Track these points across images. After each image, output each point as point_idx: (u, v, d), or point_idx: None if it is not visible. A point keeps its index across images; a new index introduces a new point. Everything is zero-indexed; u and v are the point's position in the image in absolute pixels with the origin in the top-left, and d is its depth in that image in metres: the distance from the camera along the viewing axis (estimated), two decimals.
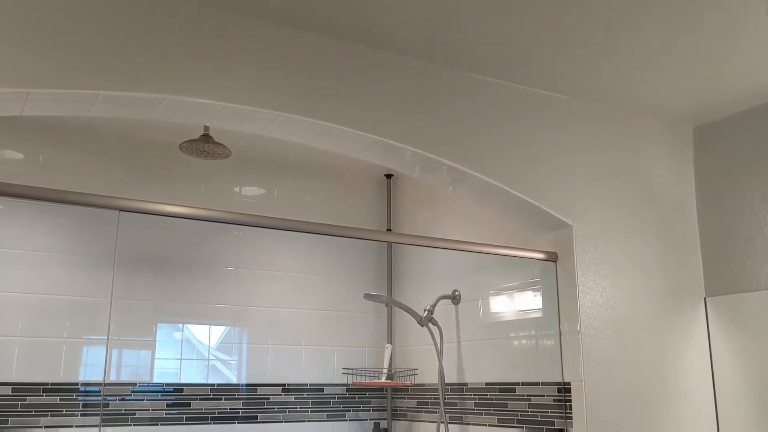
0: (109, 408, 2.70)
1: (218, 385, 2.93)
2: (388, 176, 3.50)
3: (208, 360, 2.95)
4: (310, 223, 2.17)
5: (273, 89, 2.04)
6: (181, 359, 2.88)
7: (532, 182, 2.43)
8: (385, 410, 3.29)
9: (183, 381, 2.86)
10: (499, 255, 2.48)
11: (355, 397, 3.24)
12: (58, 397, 2.61)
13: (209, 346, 2.96)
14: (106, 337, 2.73)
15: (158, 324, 2.86)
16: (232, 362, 2.99)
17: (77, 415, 2.63)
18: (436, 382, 2.97)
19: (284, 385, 3.07)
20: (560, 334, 2.46)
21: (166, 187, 2.97)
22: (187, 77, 1.92)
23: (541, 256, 2.49)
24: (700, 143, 2.80)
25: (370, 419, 3.25)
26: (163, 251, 2.94)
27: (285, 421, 3.04)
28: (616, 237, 2.55)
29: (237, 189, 3.18)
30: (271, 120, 2.07)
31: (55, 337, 2.65)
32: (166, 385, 2.82)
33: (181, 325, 2.92)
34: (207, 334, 2.97)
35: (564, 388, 2.41)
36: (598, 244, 2.50)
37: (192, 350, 2.93)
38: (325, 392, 3.16)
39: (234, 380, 2.97)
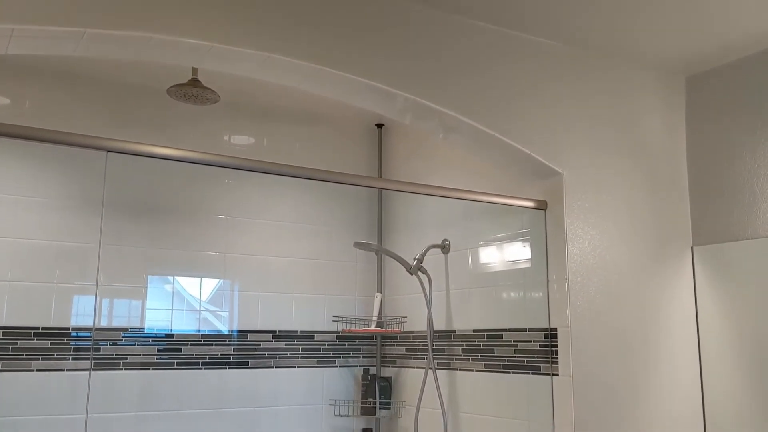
0: (100, 352, 2.72)
1: (209, 330, 2.96)
2: (379, 126, 3.48)
3: (200, 311, 2.96)
4: (301, 168, 2.16)
5: (262, 31, 2.01)
6: (172, 310, 2.90)
7: (524, 130, 2.43)
8: (375, 357, 3.34)
9: (174, 330, 2.88)
10: (490, 203, 2.49)
11: (345, 344, 3.28)
12: (49, 342, 2.63)
13: (200, 298, 2.97)
14: (95, 284, 2.73)
15: (148, 275, 2.86)
16: (224, 314, 3.01)
17: (68, 359, 2.65)
18: (425, 329, 3.01)
19: (275, 332, 3.10)
20: (548, 282, 2.48)
21: (154, 133, 2.94)
22: (174, 17, 1.88)
23: (530, 204, 2.50)
24: (692, 93, 2.79)
25: (360, 365, 3.29)
26: (153, 198, 2.93)
27: (276, 367, 3.08)
28: (605, 186, 2.56)
29: (226, 137, 3.16)
30: (260, 61, 2.04)
31: (45, 282, 2.66)
32: (157, 331, 2.84)
33: (171, 278, 2.93)
34: (198, 286, 2.98)
35: (550, 334, 2.45)
36: (587, 193, 2.51)
37: (183, 302, 2.94)
38: (315, 339, 3.20)
39: (225, 330, 2.99)
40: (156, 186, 2.95)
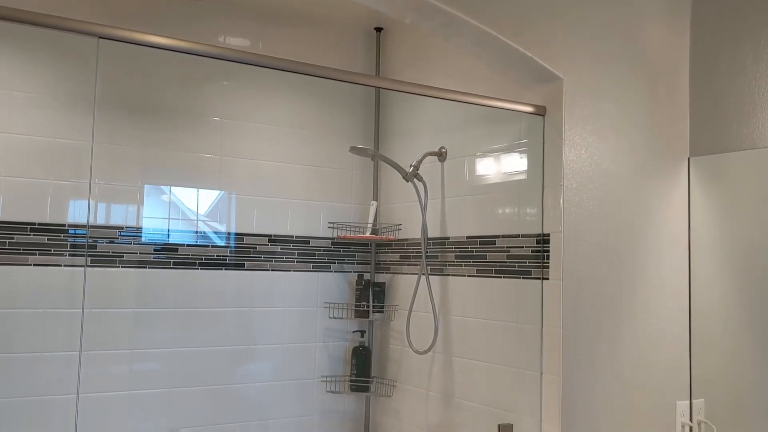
0: (97, 250, 2.74)
1: (206, 232, 2.98)
2: (378, 30, 3.41)
3: (197, 215, 2.97)
4: (298, 63, 2.12)
5: None
6: (168, 219, 2.90)
7: (527, 32, 2.38)
8: (369, 263, 3.38)
9: (171, 235, 2.90)
10: (489, 107, 2.46)
11: (340, 250, 3.31)
12: (46, 237, 2.64)
13: (197, 200, 2.97)
14: (89, 180, 2.73)
15: (145, 181, 2.85)
16: (219, 216, 3.02)
17: (65, 255, 2.67)
18: (419, 236, 3.03)
19: (270, 236, 3.13)
20: (543, 188, 2.49)
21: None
22: None
23: (529, 109, 2.48)
24: (697, 0, 2.72)
25: (354, 271, 3.34)
26: (147, 98, 2.89)
27: (271, 270, 3.12)
28: (605, 92, 2.53)
29: (221, 38, 3.09)
30: None
31: (40, 179, 2.65)
32: (153, 230, 2.86)
33: (168, 187, 2.92)
34: (193, 187, 2.97)
35: (543, 240, 2.48)
36: (587, 100, 2.49)
37: (178, 211, 2.94)
38: (310, 245, 3.23)
39: (221, 232, 3.01)
40: (150, 85, 2.90)
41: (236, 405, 3.00)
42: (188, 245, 2.93)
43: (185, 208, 2.96)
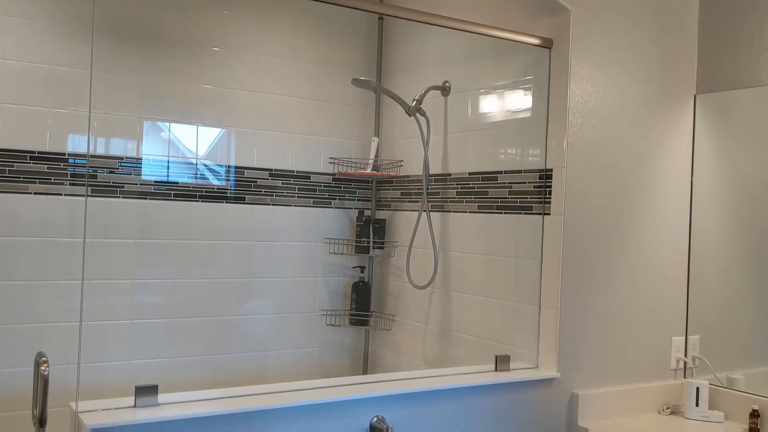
0: (97, 179, 2.73)
1: (207, 164, 2.97)
2: None
3: (197, 159, 2.95)
4: None
5: None
6: (168, 156, 2.88)
7: None
8: (370, 200, 3.38)
9: (171, 172, 2.89)
10: (494, 37, 2.42)
11: (340, 186, 3.30)
12: (46, 166, 2.63)
13: (197, 145, 2.95)
14: (88, 109, 2.70)
15: (144, 114, 2.82)
16: (219, 149, 3.00)
17: (65, 184, 2.67)
18: (420, 173, 3.02)
19: (270, 170, 3.12)
20: (547, 123, 2.47)
21: None
22: None
23: (536, 41, 2.43)
24: None
25: (355, 208, 3.34)
26: (146, 25, 2.83)
27: (272, 204, 3.12)
28: (614, 26, 2.48)
29: None
30: None
31: (39, 107, 2.62)
32: (154, 161, 2.85)
33: (167, 125, 2.88)
34: (194, 132, 2.94)
35: (545, 175, 2.47)
36: (594, 33, 2.44)
37: (178, 150, 2.92)
38: (311, 180, 3.22)
39: (221, 165, 3.00)
40: (149, 12, 2.84)
41: (237, 337, 3.04)
42: (188, 177, 2.92)
43: (185, 147, 2.93)
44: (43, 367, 1.59)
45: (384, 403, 2.05)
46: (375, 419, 2.04)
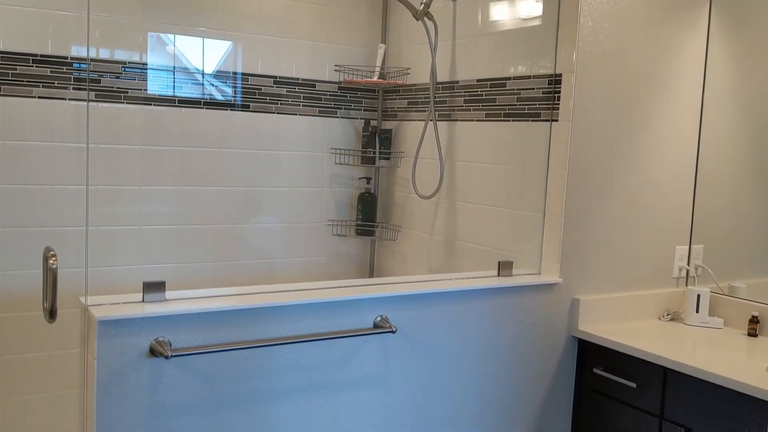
0: (101, 84, 2.70)
1: (211, 72, 2.93)
2: None
3: (201, 65, 2.90)
4: None
5: None
6: (172, 62, 2.83)
7: None
8: (376, 110, 3.34)
9: (175, 80, 2.85)
10: None
11: (346, 95, 3.26)
12: (48, 69, 2.60)
13: (202, 52, 2.89)
14: (87, 7, 2.65)
15: (148, 7, 2.76)
16: (224, 55, 2.95)
17: (69, 89, 2.64)
18: (428, 81, 2.97)
19: (275, 77, 3.07)
20: (558, 25, 2.40)
21: None
22: None
23: None
24: None
25: (361, 118, 3.31)
26: None
27: (277, 113, 3.09)
28: None
29: None
30: None
31: (40, 8, 2.57)
32: (158, 66, 2.81)
33: (171, 31, 2.82)
34: (199, 40, 2.88)
35: (554, 80, 2.42)
36: None
37: (181, 57, 2.86)
38: (316, 88, 3.18)
39: (228, 71, 2.96)
40: None
41: (244, 245, 3.08)
42: (193, 83, 2.89)
43: (188, 54, 2.88)
44: (51, 261, 1.61)
45: (387, 303, 2.09)
46: (378, 318, 2.08)
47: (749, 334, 2.43)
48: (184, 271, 2.94)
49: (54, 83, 2.61)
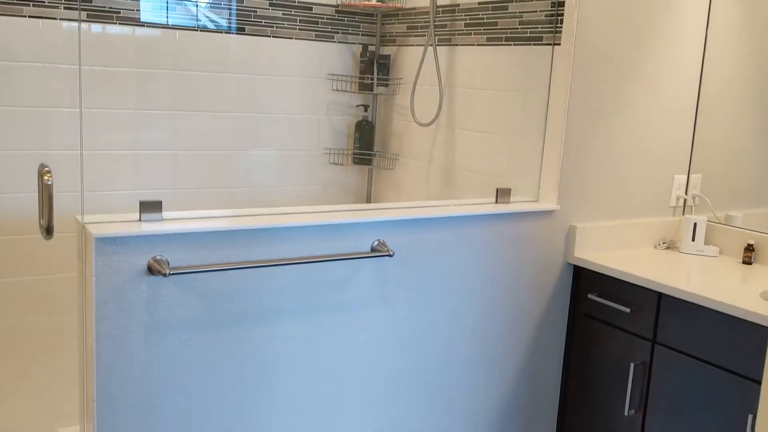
0: (92, 3, 2.63)
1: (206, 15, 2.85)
2: None
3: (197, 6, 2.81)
4: None
5: None
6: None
7: None
8: (374, 35, 3.27)
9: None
10: None
11: (344, 19, 3.19)
12: None
13: None
14: None
15: None
16: (221, 5, 2.86)
17: (60, 8, 2.57)
18: (428, 4, 2.90)
19: None
20: None
21: None
22: None
23: None
24: None
25: (359, 43, 3.24)
26: None
27: (273, 37, 3.02)
28: None
29: None
30: None
31: None
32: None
33: None
34: None
35: (558, 2, 2.36)
36: None
37: None
38: (313, 11, 3.10)
39: (221, 11, 2.88)
40: None
41: (240, 172, 3.06)
42: (186, 5, 2.81)
43: None
44: (46, 177, 1.60)
45: (385, 228, 2.08)
46: (376, 243, 2.08)
47: (744, 262, 2.45)
48: (180, 197, 2.93)
49: (45, 2, 2.54)
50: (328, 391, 2.06)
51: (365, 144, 3.26)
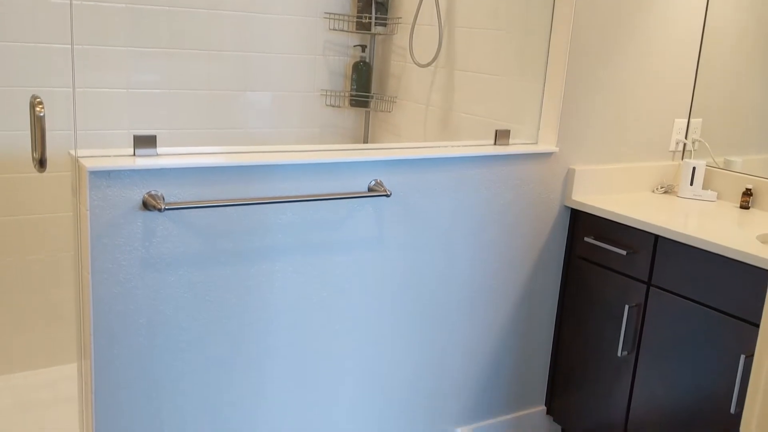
0: None
1: None
2: None
3: None
4: None
5: None
6: None
7: None
8: None
9: None
10: None
11: None
12: None
13: None
14: None
15: None
16: None
17: None
18: None
19: None
20: None
21: None
22: None
23: None
24: None
25: None
26: None
27: None
28: None
29: None
30: None
31: None
32: None
33: None
34: None
35: None
36: None
37: None
38: None
39: None
40: None
41: (233, 113, 3.01)
42: None
43: None
44: (38, 108, 1.56)
45: (383, 167, 2.06)
46: (373, 182, 2.07)
47: (741, 207, 2.44)
48: (174, 138, 2.90)
49: None
50: (323, 329, 2.07)
51: (362, 86, 3.22)
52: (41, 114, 1.57)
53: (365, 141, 3.37)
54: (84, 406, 1.82)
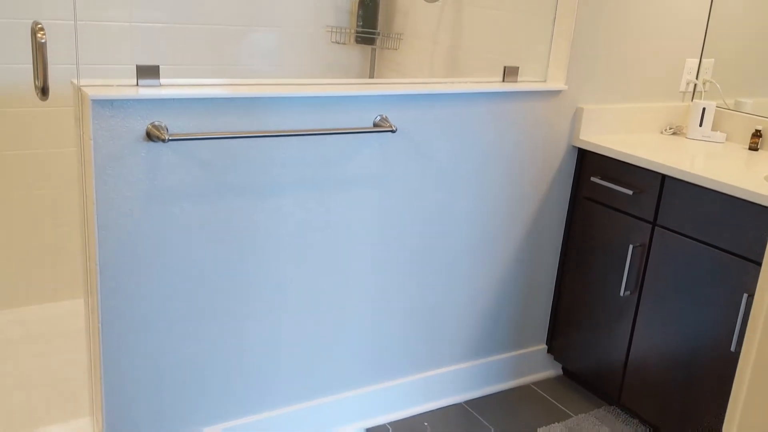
0: None
1: None
2: None
3: None
4: None
5: None
6: None
7: None
8: None
9: None
10: None
11: None
12: None
13: None
14: None
15: None
16: None
17: None
18: None
19: None
20: None
21: None
22: None
23: None
24: None
25: None
26: None
27: None
28: None
29: None
30: None
31: None
32: None
33: None
34: None
35: None
36: None
37: None
38: None
39: None
40: None
41: (237, 49, 2.96)
42: None
43: None
44: (39, 35, 1.53)
45: (388, 102, 2.04)
46: (378, 118, 2.04)
47: (750, 148, 2.42)
48: (177, 72, 2.86)
49: None
50: (327, 263, 2.08)
51: (368, 22, 3.15)
52: (42, 41, 1.54)
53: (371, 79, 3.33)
54: (91, 338, 1.84)
